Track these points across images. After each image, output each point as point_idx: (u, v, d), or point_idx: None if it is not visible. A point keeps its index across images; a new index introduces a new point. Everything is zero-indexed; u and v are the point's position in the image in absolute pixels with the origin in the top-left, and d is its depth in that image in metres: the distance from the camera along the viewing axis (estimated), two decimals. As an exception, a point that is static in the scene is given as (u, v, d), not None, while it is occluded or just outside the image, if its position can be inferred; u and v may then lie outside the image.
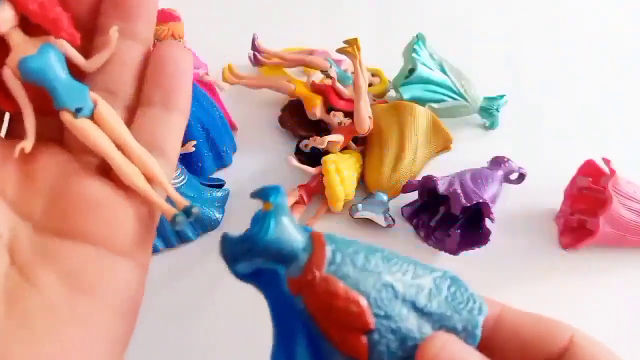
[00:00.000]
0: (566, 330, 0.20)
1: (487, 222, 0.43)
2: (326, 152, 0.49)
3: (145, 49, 0.23)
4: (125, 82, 0.23)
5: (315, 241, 0.20)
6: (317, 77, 0.53)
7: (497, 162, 0.49)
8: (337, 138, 0.49)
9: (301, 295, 0.19)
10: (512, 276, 0.46)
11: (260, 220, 0.19)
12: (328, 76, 0.51)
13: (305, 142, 0.51)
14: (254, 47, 0.55)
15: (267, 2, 0.71)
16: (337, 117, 0.51)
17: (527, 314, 0.21)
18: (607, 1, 0.75)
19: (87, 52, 0.22)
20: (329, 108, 0.52)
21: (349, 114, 0.50)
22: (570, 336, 0.20)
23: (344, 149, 0.51)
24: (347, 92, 0.51)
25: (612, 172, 0.45)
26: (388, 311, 0.19)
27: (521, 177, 0.50)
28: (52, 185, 0.21)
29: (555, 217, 0.49)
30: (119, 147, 0.21)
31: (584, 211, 0.48)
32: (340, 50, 0.48)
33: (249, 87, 0.53)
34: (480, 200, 0.43)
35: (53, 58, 0.20)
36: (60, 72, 0.20)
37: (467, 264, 0.45)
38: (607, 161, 0.46)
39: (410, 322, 0.19)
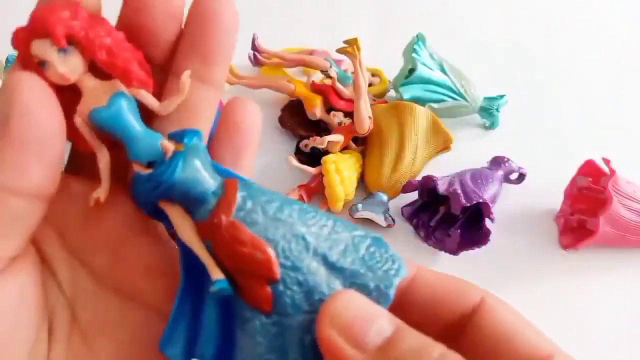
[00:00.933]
0: (477, 292, 0.20)
1: (487, 222, 0.43)
2: (326, 152, 0.49)
3: (219, 94, 0.22)
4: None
5: (227, 187, 0.19)
6: (317, 77, 0.53)
7: (497, 162, 0.49)
8: (337, 138, 0.49)
9: (209, 240, 0.18)
10: (512, 276, 0.46)
11: (168, 160, 0.19)
12: (328, 76, 0.51)
13: (305, 142, 0.51)
14: (254, 47, 0.55)
15: (267, 2, 0.71)
16: (337, 117, 0.51)
17: (441, 275, 0.20)
18: (607, 1, 0.75)
19: (160, 92, 0.21)
20: (329, 108, 0.52)
21: (349, 114, 0.50)
22: (481, 297, 0.19)
23: (344, 149, 0.51)
24: (347, 92, 0.51)
25: (612, 172, 0.45)
26: (296, 262, 0.18)
27: (521, 177, 0.50)
28: (115, 239, 0.20)
29: (555, 217, 0.49)
30: None
31: (584, 211, 0.48)
32: (340, 50, 0.48)
33: (249, 87, 0.54)
34: (480, 200, 0.43)
35: (125, 108, 0.19)
36: (132, 123, 0.19)
37: (467, 264, 0.45)
38: (607, 161, 0.46)
39: (319, 276, 0.18)
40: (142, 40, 0.20)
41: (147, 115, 0.20)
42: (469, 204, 0.43)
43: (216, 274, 0.18)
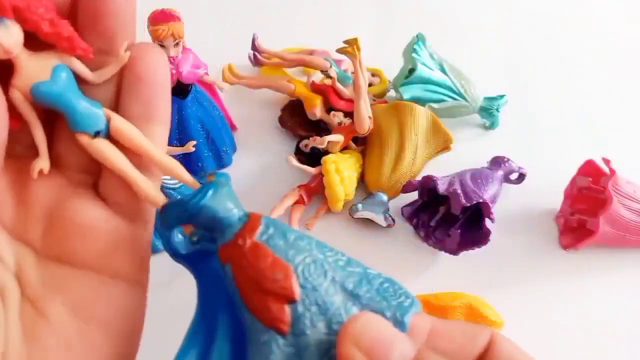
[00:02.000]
0: (486, 332, 0.20)
1: (487, 222, 0.43)
2: (326, 152, 0.49)
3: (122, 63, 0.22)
4: (108, 97, 0.21)
5: (251, 215, 0.20)
6: (317, 77, 0.53)
7: (497, 162, 0.49)
8: (337, 138, 0.49)
9: (230, 263, 0.19)
10: (512, 276, 0.46)
11: (200, 189, 0.20)
12: (328, 76, 0.51)
13: (305, 142, 0.51)
14: (254, 47, 0.55)
15: (267, 2, 0.71)
16: (337, 117, 0.51)
17: (452, 322, 0.20)
18: (607, 1, 0.75)
19: None
20: (329, 108, 0.52)
21: (349, 114, 0.50)
22: (489, 336, 0.19)
23: (344, 149, 0.51)
24: (347, 92, 0.51)
25: (612, 172, 0.45)
26: (315, 285, 0.18)
27: (521, 177, 0.50)
28: (48, 210, 0.21)
29: (555, 217, 0.49)
30: (139, 156, 0.21)
31: (584, 211, 0.48)
32: (340, 50, 0.48)
33: (249, 87, 0.54)
34: (480, 200, 0.43)
35: (68, 80, 0.19)
36: (76, 96, 0.19)
37: (467, 264, 0.45)
38: (607, 161, 0.46)
39: (337, 300, 0.18)
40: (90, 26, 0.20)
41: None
42: (469, 204, 0.43)
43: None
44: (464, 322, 0.21)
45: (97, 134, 0.20)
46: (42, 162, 0.20)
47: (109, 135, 0.20)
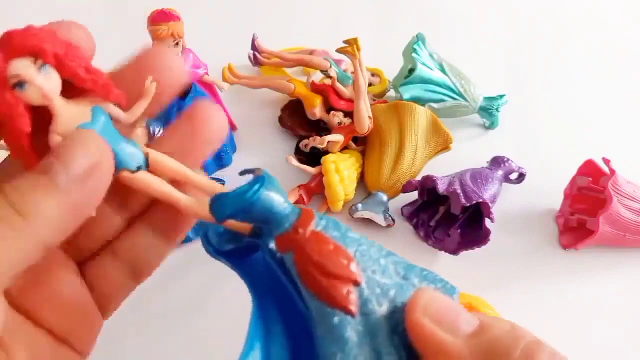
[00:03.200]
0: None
1: (487, 222, 0.43)
2: (326, 152, 0.49)
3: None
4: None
5: (303, 209, 0.21)
6: (317, 77, 0.53)
7: (497, 162, 0.49)
8: (337, 138, 0.49)
9: (291, 252, 0.19)
10: (512, 276, 0.46)
11: (252, 182, 0.20)
12: (328, 76, 0.51)
13: (305, 142, 0.51)
14: (254, 47, 0.55)
15: (267, 2, 0.71)
16: (337, 117, 0.51)
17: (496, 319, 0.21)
18: (607, 1, 0.75)
19: None
20: (329, 108, 0.52)
21: (349, 114, 0.50)
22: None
23: (344, 149, 0.51)
24: (347, 92, 0.51)
25: (612, 172, 0.45)
26: (374, 269, 0.19)
27: (521, 177, 0.50)
28: (37, 267, 0.21)
29: (555, 217, 0.49)
30: (181, 183, 0.22)
31: (584, 211, 0.48)
32: (340, 50, 0.48)
33: (249, 87, 0.54)
34: (480, 200, 0.43)
35: (107, 122, 0.19)
36: (116, 135, 0.20)
37: (467, 264, 0.45)
38: (607, 161, 0.46)
39: (395, 282, 0.20)
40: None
41: None
42: (469, 204, 0.43)
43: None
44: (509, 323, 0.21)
45: (138, 169, 0.20)
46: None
47: (147, 169, 0.21)
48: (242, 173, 0.21)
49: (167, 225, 0.24)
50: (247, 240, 0.21)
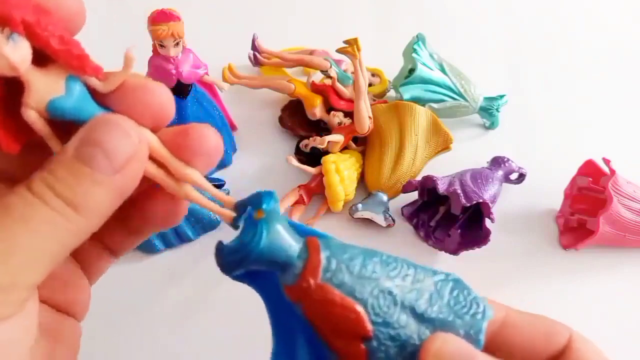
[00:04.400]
0: (565, 331, 0.20)
1: (487, 222, 0.43)
2: (326, 152, 0.49)
3: None
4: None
5: (310, 248, 0.19)
6: (317, 77, 0.53)
7: (497, 162, 0.49)
8: (337, 138, 0.49)
9: (300, 303, 0.19)
10: (512, 276, 0.46)
11: (253, 228, 0.19)
12: (328, 76, 0.51)
13: (305, 142, 0.51)
14: (254, 47, 0.55)
15: (267, 2, 0.71)
16: (337, 117, 0.51)
17: (529, 317, 0.21)
18: (607, 1, 0.75)
19: None
20: (329, 108, 0.52)
21: (349, 114, 0.50)
22: (568, 336, 0.20)
23: (344, 149, 0.51)
24: (347, 92, 0.51)
25: (612, 172, 0.45)
26: (387, 318, 0.18)
27: (521, 177, 0.50)
28: None
29: (555, 217, 0.49)
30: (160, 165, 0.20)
31: (584, 211, 0.48)
32: (340, 50, 0.48)
33: (249, 87, 0.54)
34: (480, 200, 0.43)
35: (82, 93, 0.18)
36: (93, 107, 0.19)
37: (467, 264, 0.45)
38: (607, 161, 0.46)
39: (410, 329, 0.19)
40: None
41: None
42: (469, 204, 0.43)
43: (230, 214, 0.20)
44: (542, 317, 0.21)
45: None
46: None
47: None
48: (243, 204, 0.20)
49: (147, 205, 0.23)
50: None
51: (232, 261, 0.19)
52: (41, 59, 0.18)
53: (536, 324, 0.21)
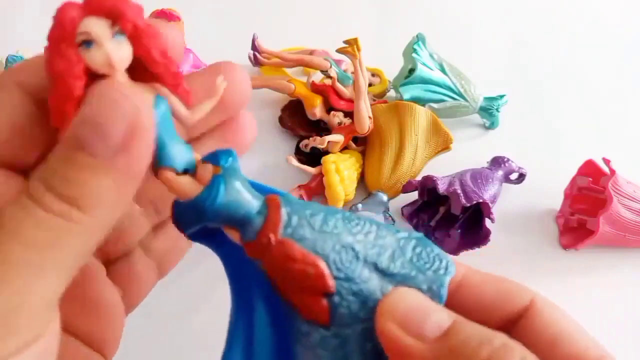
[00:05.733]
0: (527, 294, 0.20)
1: (487, 222, 0.43)
2: (326, 152, 0.49)
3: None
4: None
5: (270, 204, 0.19)
6: (317, 77, 0.53)
7: (497, 162, 0.49)
8: (337, 138, 0.49)
9: (259, 260, 0.18)
10: (512, 276, 0.45)
11: (209, 185, 0.18)
12: (328, 76, 0.51)
13: (305, 142, 0.51)
14: (254, 47, 0.55)
15: (267, 2, 0.71)
16: (337, 117, 0.51)
17: (490, 276, 0.21)
18: (607, 1, 0.75)
19: None
20: (329, 108, 0.52)
21: (349, 114, 0.50)
22: (530, 298, 0.20)
23: (344, 149, 0.51)
24: (347, 92, 0.51)
25: (612, 172, 0.45)
26: (349, 273, 0.18)
27: (521, 177, 0.50)
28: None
29: (555, 217, 0.49)
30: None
31: (584, 211, 0.48)
32: (340, 50, 0.48)
33: (249, 87, 0.53)
34: (480, 200, 0.43)
35: (166, 113, 0.18)
36: (171, 130, 0.18)
37: (467, 264, 0.45)
38: (607, 161, 0.46)
39: (372, 284, 0.18)
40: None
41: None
42: (469, 204, 0.43)
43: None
44: (503, 278, 0.21)
45: (184, 172, 0.19)
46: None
47: (194, 175, 0.19)
48: (204, 159, 0.19)
49: None
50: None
51: (188, 218, 0.19)
52: (135, 72, 0.18)
53: (496, 283, 0.20)
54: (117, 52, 0.16)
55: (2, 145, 0.17)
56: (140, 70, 0.18)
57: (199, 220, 0.18)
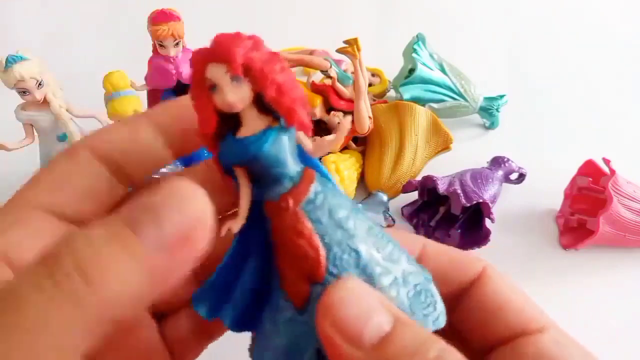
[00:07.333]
0: (478, 263, 0.21)
1: (487, 222, 0.43)
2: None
3: None
4: None
5: (305, 176, 0.19)
6: (317, 77, 0.53)
7: (497, 162, 0.49)
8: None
9: (271, 220, 0.19)
10: (512, 276, 0.45)
11: (261, 132, 0.19)
12: (328, 76, 0.51)
13: (305, 142, 0.51)
14: (254, 47, 0.55)
15: (267, 2, 0.71)
16: (337, 117, 0.51)
17: (446, 248, 0.21)
18: (607, 2, 0.75)
19: None
20: (329, 108, 0.52)
21: (349, 114, 0.50)
22: (482, 268, 0.20)
23: (344, 149, 0.51)
24: (347, 92, 0.51)
25: (612, 172, 0.45)
26: (342, 274, 0.18)
27: (521, 177, 0.50)
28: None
29: (555, 217, 0.49)
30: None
31: (584, 211, 0.48)
32: (340, 50, 0.48)
33: (249, 87, 0.53)
34: (480, 200, 0.43)
35: (287, 142, 0.19)
36: (290, 162, 0.19)
37: (467, 264, 0.45)
38: (607, 161, 0.46)
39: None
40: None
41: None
42: (469, 204, 0.43)
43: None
44: (457, 250, 0.21)
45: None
46: (236, 223, 0.19)
47: None
48: (266, 111, 0.19)
49: None
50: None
51: (229, 154, 0.19)
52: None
53: (452, 255, 0.21)
54: (232, 94, 0.18)
55: (75, 204, 0.19)
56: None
57: (238, 158, 0.19)
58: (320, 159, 0.48)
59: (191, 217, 0.15)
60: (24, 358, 0.13)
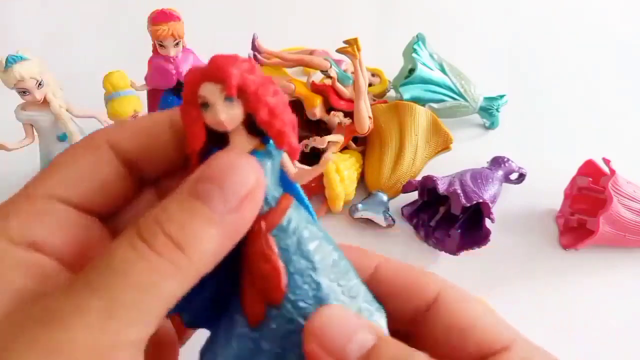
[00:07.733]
0: (434, 285, 0.20)
1: (487, 222, 0.43)
2: (326, 152, 0.49)
3: None
4: None
5: (281, 201, 0.20)
6: (317, 77, 0.53)
7: (497, 162, 0.49)
8: (337, 138, 0.49)
9: (244, 241, 0.19)
10: (512, 276, 0.46)
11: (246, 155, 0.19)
12: (328, 76, 0.51)
13: (305, 142, 0.51)
14: (254, 47, 0.55)
15: (267, 2, 0.71)
16: (337, 117, 0.51)
17: (402, 266, 0.21)
18: (607, 2, 0.75)
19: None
20: (329, 108, 0.52)
21: (349, 114, 0.50)
22: (437, 291, 0.20)
23: (344, 149, 0.51)
24: (347, 92, 0.51)
25: (612, 172, 0.45)
26: (299, 303, 0.18)
27: (521, 177, 0.50)
28: None
29: (555, 217, 0.49)
30: None
31: (584, 211, 0.48)
32: (340, 50, 0.48)
33: (249, 87, 0.53)
34: (480, 200, 0.43)
35: (270, 167, 0.19)
36: (270, 186, 0.19)
37: (467, 264, 0.45)
38: (607, 161, 0.46)
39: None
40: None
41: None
42: (469, 204, 0.43)
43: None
44: (413, 269, 0.21)
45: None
46: None
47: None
48: (258, 132, 0.20)
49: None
50: None
51: None
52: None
53: (406, 275, 0.21)
54: (223, 113, 0.18)
55: (91, 197, 0.19)
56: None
57: None
58: (317, 159, 0.48)
59: (247, 182, 0.17)
60: (129, 312, 0.15)
